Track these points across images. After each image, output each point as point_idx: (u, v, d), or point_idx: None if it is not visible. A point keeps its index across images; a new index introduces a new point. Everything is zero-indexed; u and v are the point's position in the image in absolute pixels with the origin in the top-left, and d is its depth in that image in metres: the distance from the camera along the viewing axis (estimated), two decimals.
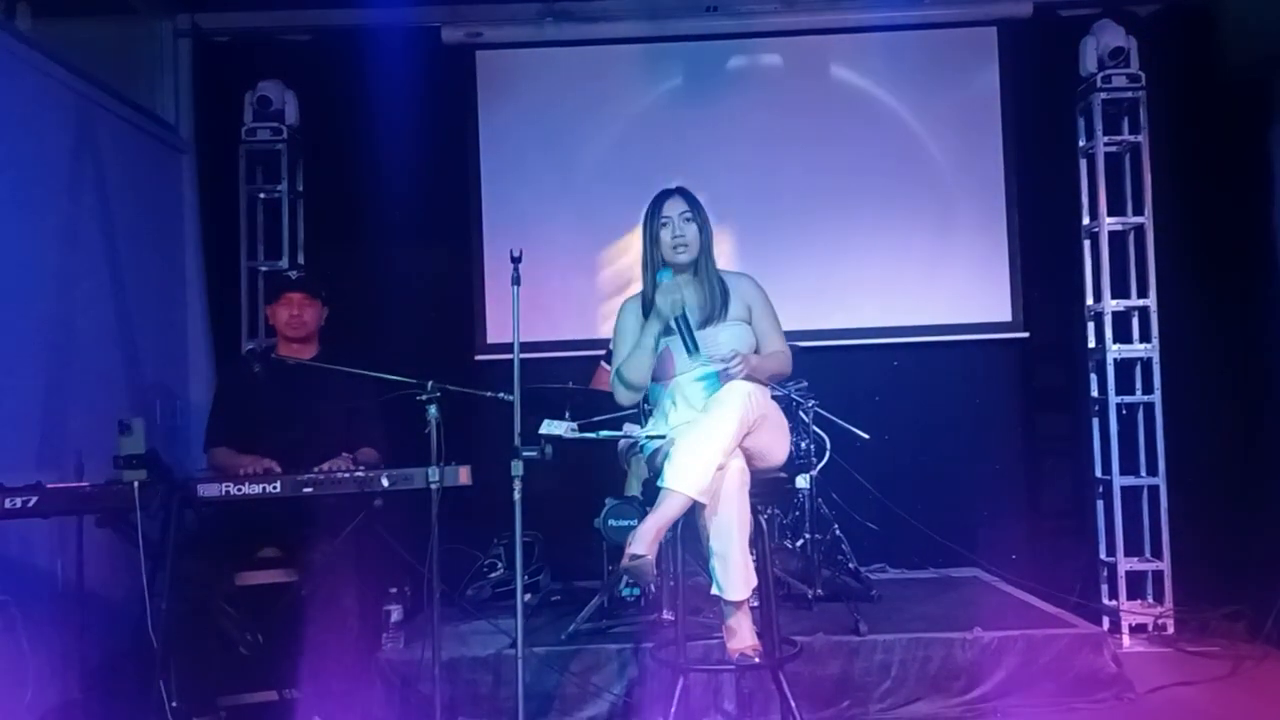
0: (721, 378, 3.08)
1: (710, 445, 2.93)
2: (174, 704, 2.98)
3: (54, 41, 3.92)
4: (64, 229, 3.94)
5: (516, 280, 3.18)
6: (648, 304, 3.24)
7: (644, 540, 2.88)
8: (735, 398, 2.98)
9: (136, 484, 2.96)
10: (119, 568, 3.24)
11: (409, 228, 4.99)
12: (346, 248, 5.08)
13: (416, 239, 5.04)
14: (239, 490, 3.08)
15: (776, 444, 3.20)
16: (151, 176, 4.72)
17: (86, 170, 4.10)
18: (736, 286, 3.31)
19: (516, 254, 3.16)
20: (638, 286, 3.36)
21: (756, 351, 3.24)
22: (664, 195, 3.29)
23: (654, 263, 3.26)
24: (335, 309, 3.87)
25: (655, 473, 3.09)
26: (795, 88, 5.19)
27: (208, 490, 3.08)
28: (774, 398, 3.36)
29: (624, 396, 3.25)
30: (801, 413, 4.12)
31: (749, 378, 3.05)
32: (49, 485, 2.98)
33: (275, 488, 3.09)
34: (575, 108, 5.20)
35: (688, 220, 3.25)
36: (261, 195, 5.05)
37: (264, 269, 4.99)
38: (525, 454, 3.04)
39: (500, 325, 5.09)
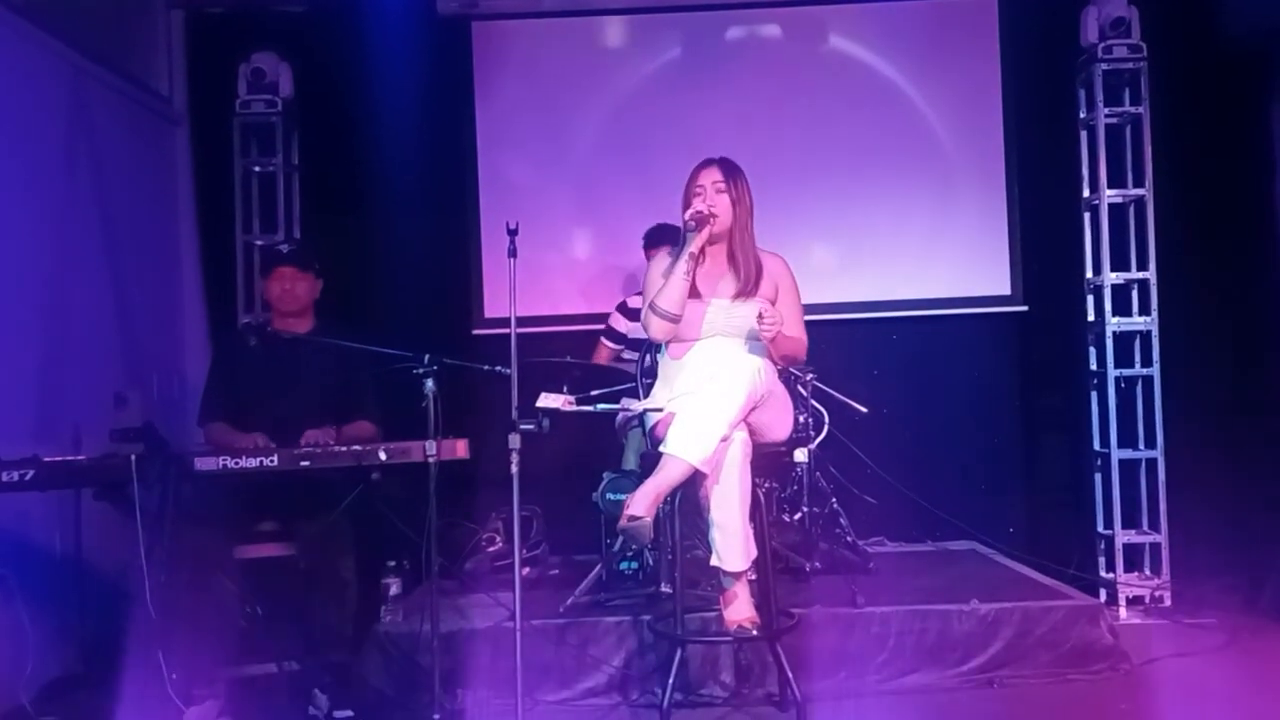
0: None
1: (717, 416, 2.92)
2: (173, 676, 2.99)
3: (47, 14, 3.87)
4: (59, 202, 3.91)
5: (513, 253, 3.16)
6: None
7: (642, 502, 2.88)
8: (745, 371, 2.97)
9: (133, 457, 2.96)
10: (117, 540, 3.23)
11: (405, 201, 4.95)
12: (342, 221, 5.04)
13: (413, 212, 4.99)
14: (236, 463, 3.08)
15: (779, 422, 3.20)
16: (146, 149, 4.68)
17: (81, 143, 4.07)
18: (770, 266, 3.29)
19: (513, 227, 3.14)
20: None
21: None
22: (704, 164, 3.28)
23: (687, 229, 3.23)
24: (332, 283, 3.85)
25: (655, 444, 3.09)
26: (794, 59, 5.14)
27: (204, 463, 3.08)
28: None
29: (658, 328, 3.20)
30: (799, 386, 4.11)
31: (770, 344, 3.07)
32: (46, 458, 2.98)
33: (272, 461, 3.09)
34: (572, 79, 5.16)
35: (720, 191, 3.23)
36: (256, 168, 5.02)
37: (259, 243, 4.97)
38: (522, 427, 3.03)
39: (498, 299, 5.06)
